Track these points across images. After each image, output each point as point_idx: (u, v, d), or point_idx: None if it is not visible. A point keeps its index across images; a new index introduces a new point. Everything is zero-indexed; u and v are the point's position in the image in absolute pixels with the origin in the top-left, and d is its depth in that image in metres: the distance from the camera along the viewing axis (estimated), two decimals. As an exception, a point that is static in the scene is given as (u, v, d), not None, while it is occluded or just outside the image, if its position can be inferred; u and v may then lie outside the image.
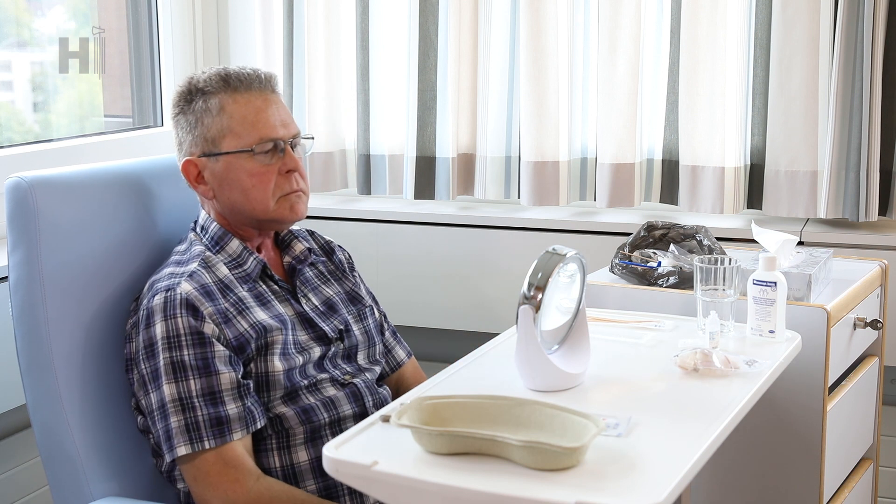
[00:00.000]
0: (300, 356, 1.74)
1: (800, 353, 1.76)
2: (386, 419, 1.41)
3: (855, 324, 2.03)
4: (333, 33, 2.85)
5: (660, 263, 2.03)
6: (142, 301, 1.71)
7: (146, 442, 1.75)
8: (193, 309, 1.64)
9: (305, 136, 1.84)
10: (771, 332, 1.74)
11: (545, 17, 2.62)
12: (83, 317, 1.75)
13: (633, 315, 1.90)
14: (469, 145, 2.80)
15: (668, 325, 1.84)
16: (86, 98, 2.78)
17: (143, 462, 1.78)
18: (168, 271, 1.71)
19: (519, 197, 2.74)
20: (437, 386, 1.57)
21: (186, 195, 1.86)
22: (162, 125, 2.94)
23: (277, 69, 2.84)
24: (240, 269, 1.76)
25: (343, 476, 1.32)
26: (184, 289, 1.65)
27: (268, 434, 1.70)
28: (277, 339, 1.70)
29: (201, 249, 1.75)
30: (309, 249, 1.88)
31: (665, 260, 2.04)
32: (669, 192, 2.68)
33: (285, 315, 1.76)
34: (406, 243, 2.76)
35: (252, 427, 1.65)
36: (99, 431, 1.74)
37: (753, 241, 2.11)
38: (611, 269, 2.10)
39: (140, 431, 1.75)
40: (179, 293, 1.65)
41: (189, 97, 1.77)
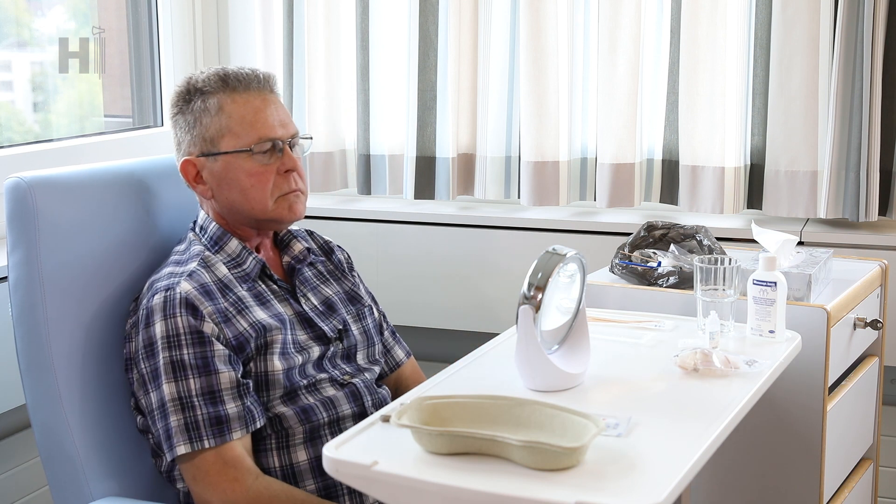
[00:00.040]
0: (299, 356, 1.74)
1: (800, 353, 1.76)
2: (386, 419, 1.40)
3: (855, 324, 2.02)
4: (333, 33, 2.84)
5: (660, 263, 2.03)
6: (141, 301, 1.71)
7: (146, 442, 1.75)
8: (193, 308, 1.64)
9: (304, 136, 1.84)
10: (771, 332, 1.74)
11: (545, 17, 2.62)
12: (83, 317, 1.75)
13: (633, 315, 1.90)
14: (469, 145, 2.80)
15: (668, 325, 1.84)
16: (86, 98, 2.78)
17: (143, 462, 1.78)
18: (167, 271, 1.71)
19: (519, 197, 2.74)
20: (437, 386, 1.57)
21: (186, 195, 1.86)
22: (162, 125, 2.94)
23: (277, 69, 2.84)
24: (239, 269, 1.76)
25: (343, 476, 1.32)
26: (183, 288, 1.65)
27: (267, 434, 1.70)
28: (277, 339, 1.70)
29: (200, 249, 1.75)
30: (308, 249, 1.88)
31: (665, 260, 2.04)
32: (669, 192, 2.68)
33: (284, 315, 1.76)
34: (406, 243, 2.76)
35: (251, 427, 1.65)
36: (99, 431, 1.74)
37: (753, 241, 2.10)
38: (611, 269, 2.10)
39: (140, 431, 1.75)
40: (179, 292, 1.65)
41: (188, 97, 1.77)
